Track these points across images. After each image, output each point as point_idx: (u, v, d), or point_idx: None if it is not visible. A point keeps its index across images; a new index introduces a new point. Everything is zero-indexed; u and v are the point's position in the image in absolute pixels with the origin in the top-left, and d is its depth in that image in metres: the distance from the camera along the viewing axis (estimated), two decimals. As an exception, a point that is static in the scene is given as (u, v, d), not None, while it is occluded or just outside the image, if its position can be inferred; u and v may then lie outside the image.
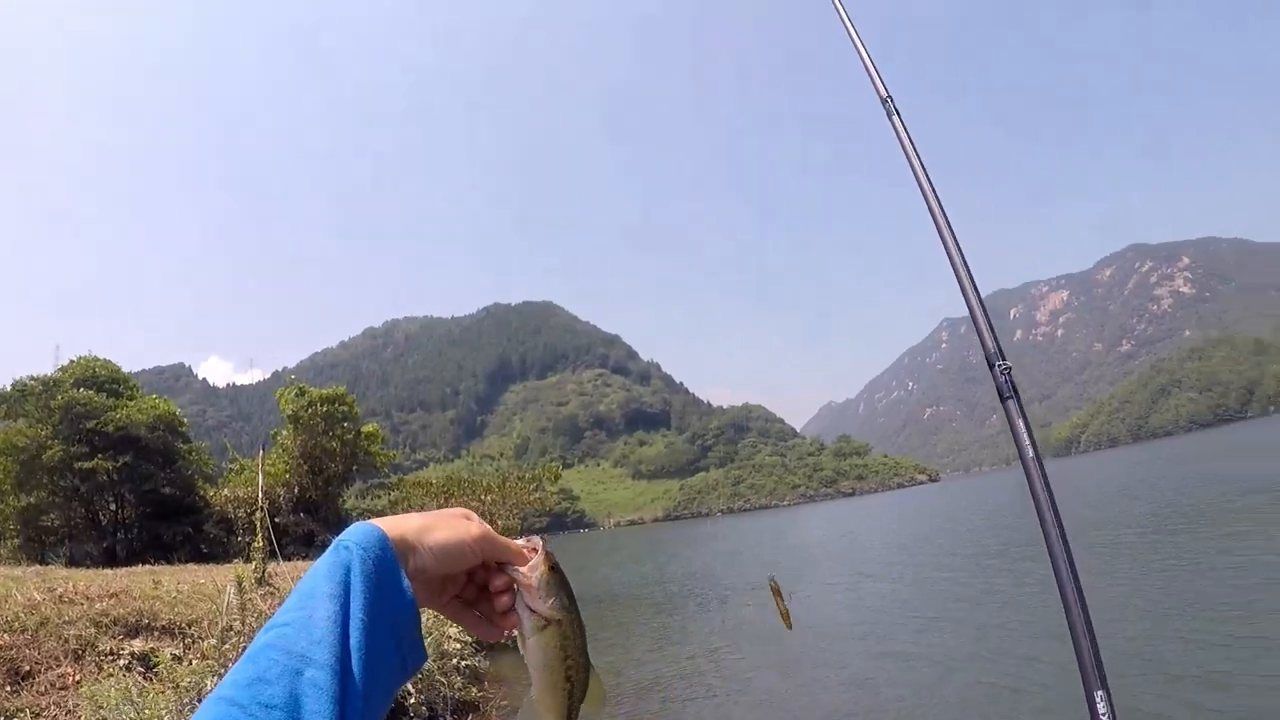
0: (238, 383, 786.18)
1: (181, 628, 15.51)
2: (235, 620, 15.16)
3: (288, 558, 27.53)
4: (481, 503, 42.49)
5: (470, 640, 20.62)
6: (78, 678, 12.65)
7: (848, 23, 5.43)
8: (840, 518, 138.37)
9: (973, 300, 4.06)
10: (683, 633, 31.95)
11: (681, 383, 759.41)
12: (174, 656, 13.34)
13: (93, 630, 14.51)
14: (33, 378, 45.42)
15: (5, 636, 13.32)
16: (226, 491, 47.86)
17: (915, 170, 4.51)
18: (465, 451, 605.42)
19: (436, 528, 1.53)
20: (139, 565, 29.93)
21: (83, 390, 44.83)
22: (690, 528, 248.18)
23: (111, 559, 40.69)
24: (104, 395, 46.11)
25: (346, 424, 52.17)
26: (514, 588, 1.61)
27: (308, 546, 43.59)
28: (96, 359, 50.26)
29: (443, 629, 19.60)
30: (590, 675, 1.66)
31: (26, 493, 43.76)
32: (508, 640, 1.69)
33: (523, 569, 1.60)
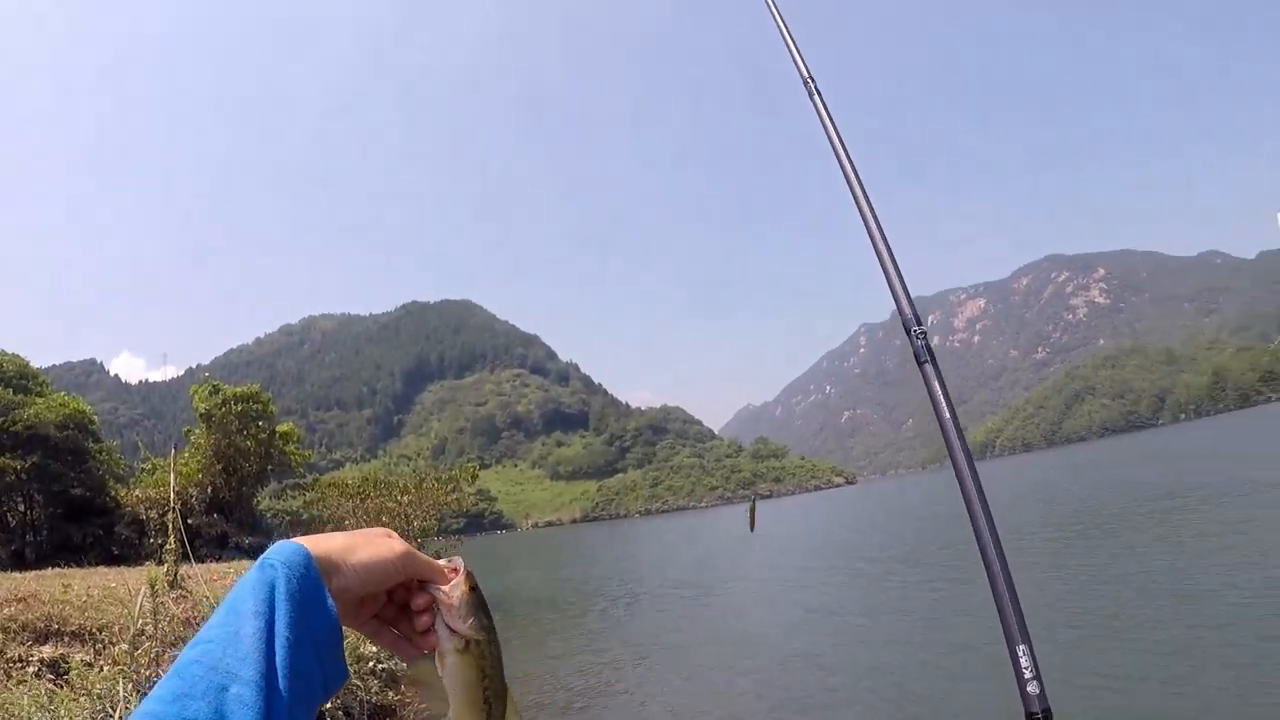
0: (150, 379, 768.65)
1: (92, 633, 15.29)
2: (147, 625, 14.96)
3: (201, 560, 27.28)
4: (398, 503, 42.18)
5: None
6: (-14, 685, 12.46)
7: (772, 6, 5.48)
8: (759, 519, 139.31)
9: (889, 265, 4.05)
10: (599, 635, 32.06)
11: (600, 384, 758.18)
12: (85, 663, 13.18)
13: (0, 636, 14.31)
14: (-67, 373, 44.55)
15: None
16: (138, 492, 47.11)
17: (836, 148, 4.57)
18: (382, 451, 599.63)
19: (360, 547, 1.54)
20: (49, 568, 29.43)
21: (-12, 386, 44.06)
22: (609, 529, 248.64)
23: (20, 562, 40.07)
24: (11, 392, 45.30)
25: (261, 423, 51.63)
26: (434, 607, 1.61)
27: (221, 548, 43.21)
28: (3, 353, 49.34)
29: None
30: (508, 696, 1.66)
31: (-71, 493, 42.99)
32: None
33: (444, 588, 1.61)
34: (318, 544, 1.48)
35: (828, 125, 4.70)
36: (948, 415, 3.61)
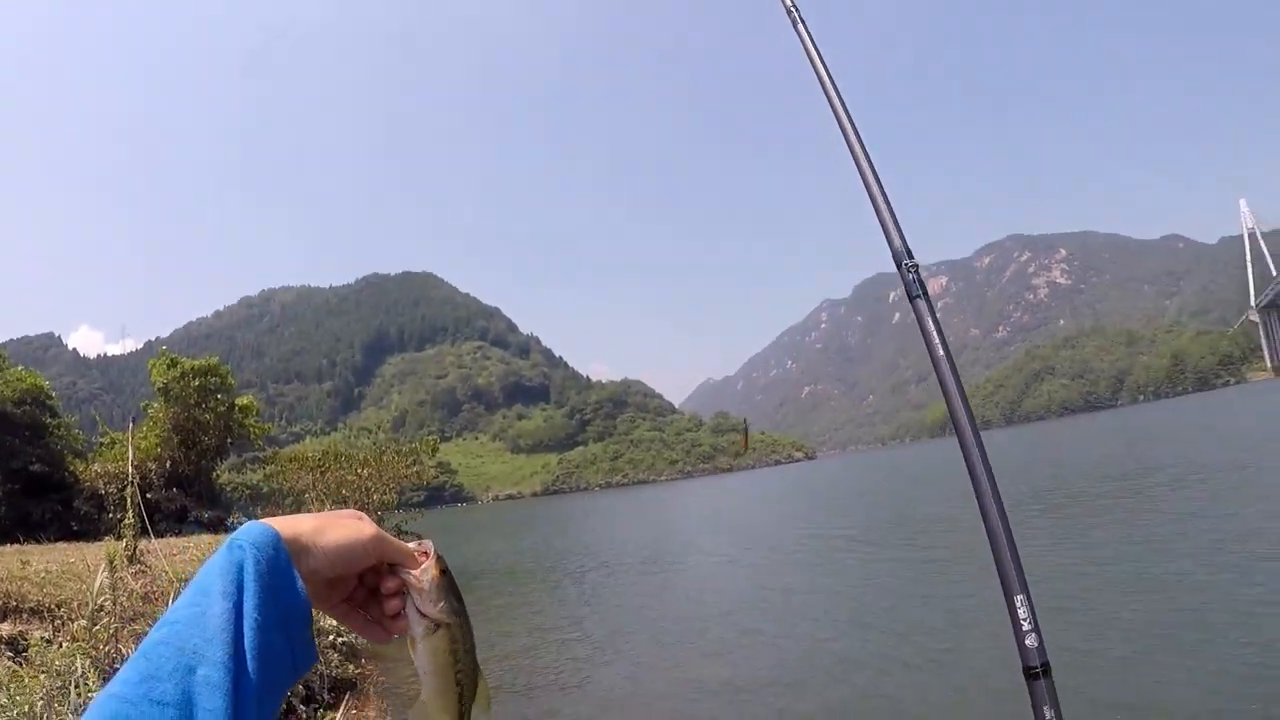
0: (109, 353, 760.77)
1: (51, 609, 15.11)
2: (106, 600, 14.87)
3: (160, 534, 27.00)
4: (358, 476, 42.06)
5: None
6: (-58, 663, 12.37)
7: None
8: (717, 493, 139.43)
9: (878, 198, 3.96)
10: (557, 607, 32.03)
11: (561, 357, 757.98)
12: (44, 639, 13.07)
13: (-42, 614, 14.20)
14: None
15: None
16: (97, 467, 46.61)
17: (822, 79, 4.44)
18: (342, 424, 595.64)
19: (330, 529, 1.51)
20: (7, 545, 29.05)
21: (-56, 361, 43.56)
22: (569, 502, 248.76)
23: (-22, 539, 39.78)
24: (-34, 368, 44.87)
25: (220, 396, 51.29)
26: (405, 591, 1.60)
27: (181, 522, 42.87)
28: (-43, 328, 48.73)
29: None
30: (479, 678, 1.66)
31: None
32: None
33: (414, 572, 1.59)
34: (287, 525, 1.46)
35: (813, 55, 4.57)
36: (941, 352, 3.52)
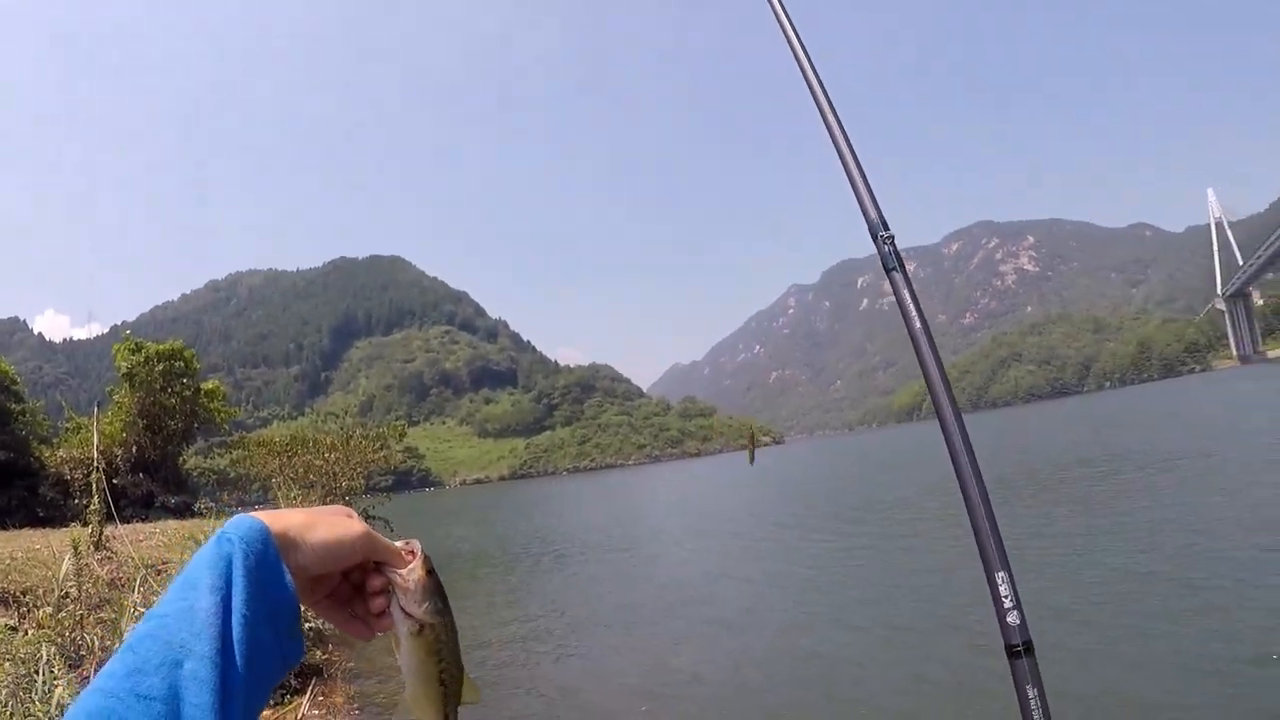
0: (75, 337, 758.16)
1: (16, 596, 15.06)
2: (72, 587, 14.84)
3: (126, 520, 26.92)
4: (325, 461, 41.79)
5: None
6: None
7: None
8: (684, 478, 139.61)
9: (852, 167, 3.82)
10: (525, 592, 31.88)
11: (529, 341, 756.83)
12: (9, 626, 13.02)
13: (-77, 602, 14.15)
14: None
15: None
16: (63, 453, 46.38)
17: (791, 43, 4.21)
18: (309, 409, 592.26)
19: (319, 525, 1.50)
20: (-28, 532, 29.10)
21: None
22: (537, 486, 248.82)
23: (-58, 527, 39.53)
24: (-70, 350, 44.58)
25: (185, 380, 51.08)
26: (390, 590, 1.59)
27: (147, 508, 42.68)
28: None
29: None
30: (464, 678, 1.66)
31: None
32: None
33: (400, 571, 1.58)
34: (276, 519, 1.44)
35: (782, 18, 4.33)
36: (919, 325, 3.45)
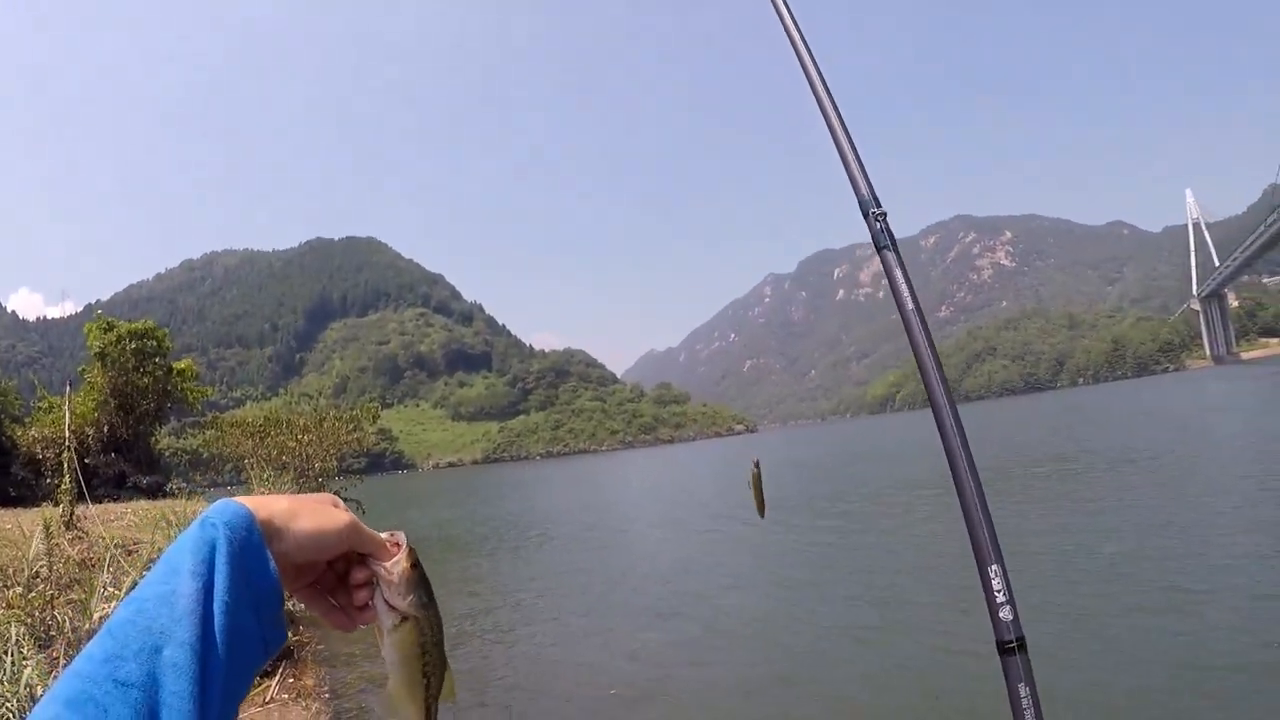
0: (49, 315, 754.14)
1: (-14, 576, 15.08)
2: (43, 566, 14.77)
3: (98, 499, 26.80)
4: (299, 442, 41.78)
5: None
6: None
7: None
8: (658, 464, 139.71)
9: (843, 140, 3.73)
10: (495, 576, 31.86)
11: (504, 325, 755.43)
12: (-22, 606, 12.99)
13: (-109, 579, 14.04)
14: None
15: None
16: (34, 432, 46.25)
17: (781, 13, 4.14)
18: (283, 389, 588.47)
19: (304, 513, 1.48)
20: (-57, 511, 28.90)
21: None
22: (510, 470, 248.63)
23: (-88, 505, 39.29)
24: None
25: (158, 360, 50.94)
26: (374, 581, 1.57)
27: (119, 488, 42.46)
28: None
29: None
30: (445, 671, 1.64)
31: None
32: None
33: (385, 564, 1.56)
34: (261, 505, 1.42)
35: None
36: (910, 306, 3.37)
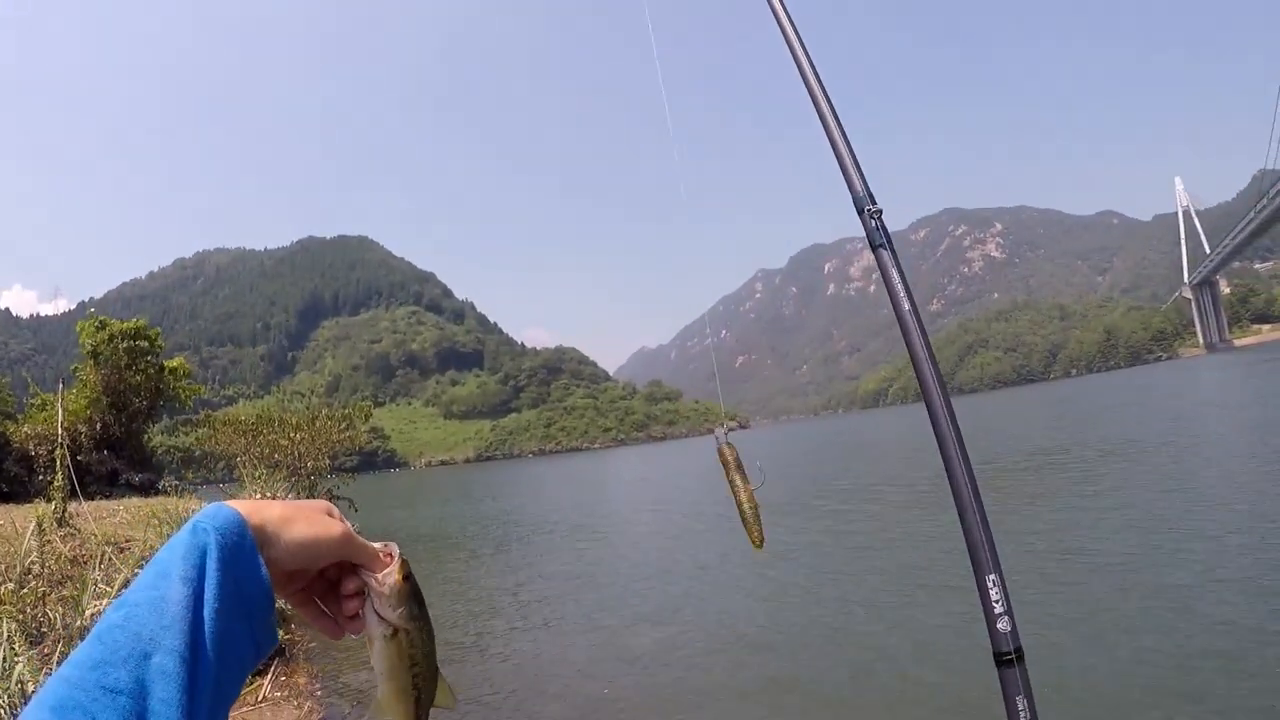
0: (42, 313, 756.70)
1: (-23, 571, 15.05)
2: (34, 563, 14.76)
3: (90, 497, 26.79)
4: (291, 441, 41.81)
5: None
6: None
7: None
8: (650, 462, 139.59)
9: (837, 137, 3.66)
10: (486, 575, 31.76)
11: (496, 323, 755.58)
12: (-30, 602, 12.97)
13: (-118, 573, 14.01)
14: None
15: None
16: (27, 428, 46.25)
17: (774, 7, 4.02)
18: (276, 388, 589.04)
19: (297, 521, 1.48)
20: (-68, 504, 28.85)
21: None
22: (502, 469, 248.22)
23: (-95, 500, 39.21)
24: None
25: (150, 358, 50.98)
26: (365, 592, 1.57)
27: (112, 485, 42.53)
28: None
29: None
30: (439, 681, 1.66)
31: None
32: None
33: (376, 575, 1.56)
34: (254, 511, 1.42)
35: None
36: (906, 306, 3.31)
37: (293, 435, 41.73)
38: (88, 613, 12.65)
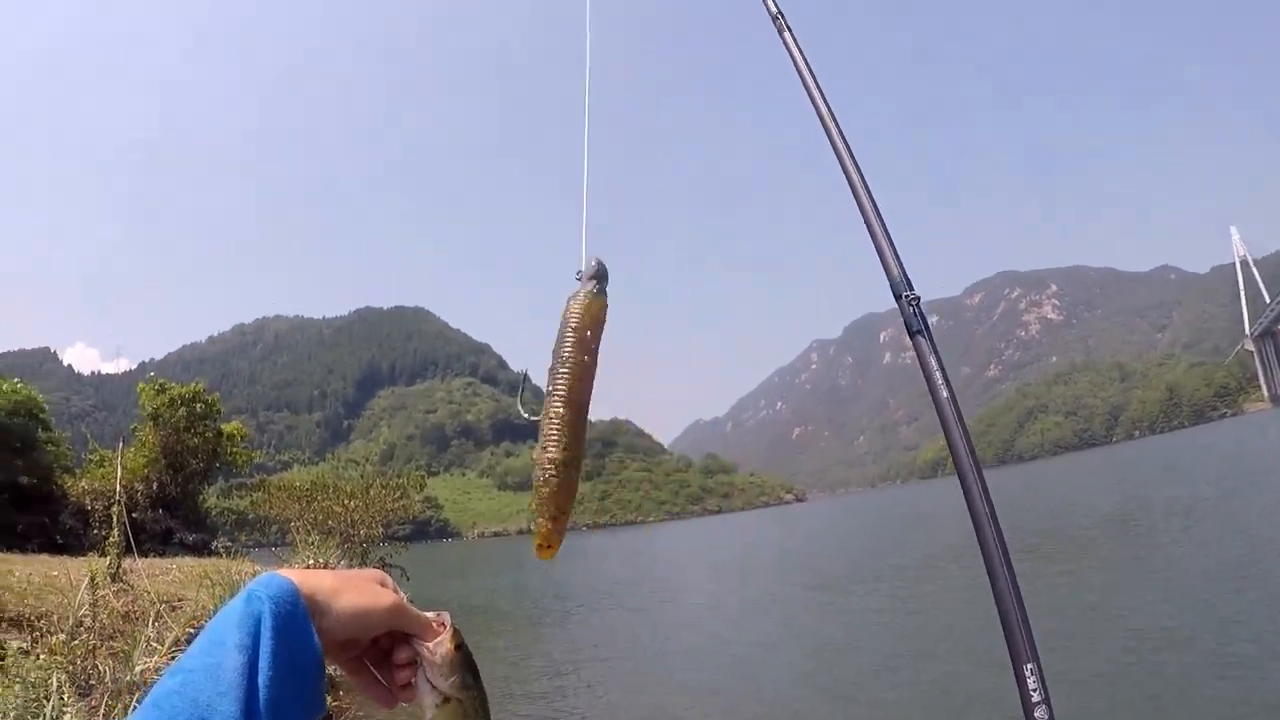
0: (103, 371, 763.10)
1: (31, 620, 15.02)
2: (86, 616, 14.86)
3: (144, 554, 26.94)
4: (345, 508, 41.97)
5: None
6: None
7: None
8: (706, 536, 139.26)
9: (874, 224, 3.68)
10: (538, 646, 31.86)
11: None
12: (22, 650, 13.04)
13: (-63, 621, 14.14)
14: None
15: None
16: (84, 483, 46.69)
17: (809, 90, 4.13)
18: (331, 455, 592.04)
19: (348, 590, 1.51)
20: (-9, 553, 29.11)
21: (-63, 372, 43.45)
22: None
23: (-38, 547, 39.62)
24: (-40, 378, 44.92)
25: (208, 422, 51.51)
26: (417, 660, 1.58)
27: (165, 544, 42.78)
28: (-49, 340, 48.77)
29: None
30: None
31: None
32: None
33: (428, 644, 1.57)
34: (307, 580, 1.46)
35: (800, 65, 4.24)
36: (945, 394, 3.25)
37: (347, 503, 41.89)
38: (138, 668, 12.72)
